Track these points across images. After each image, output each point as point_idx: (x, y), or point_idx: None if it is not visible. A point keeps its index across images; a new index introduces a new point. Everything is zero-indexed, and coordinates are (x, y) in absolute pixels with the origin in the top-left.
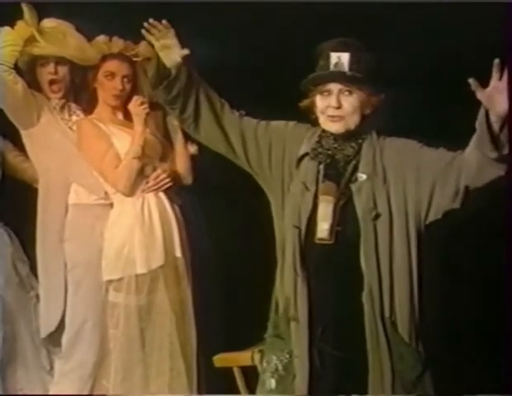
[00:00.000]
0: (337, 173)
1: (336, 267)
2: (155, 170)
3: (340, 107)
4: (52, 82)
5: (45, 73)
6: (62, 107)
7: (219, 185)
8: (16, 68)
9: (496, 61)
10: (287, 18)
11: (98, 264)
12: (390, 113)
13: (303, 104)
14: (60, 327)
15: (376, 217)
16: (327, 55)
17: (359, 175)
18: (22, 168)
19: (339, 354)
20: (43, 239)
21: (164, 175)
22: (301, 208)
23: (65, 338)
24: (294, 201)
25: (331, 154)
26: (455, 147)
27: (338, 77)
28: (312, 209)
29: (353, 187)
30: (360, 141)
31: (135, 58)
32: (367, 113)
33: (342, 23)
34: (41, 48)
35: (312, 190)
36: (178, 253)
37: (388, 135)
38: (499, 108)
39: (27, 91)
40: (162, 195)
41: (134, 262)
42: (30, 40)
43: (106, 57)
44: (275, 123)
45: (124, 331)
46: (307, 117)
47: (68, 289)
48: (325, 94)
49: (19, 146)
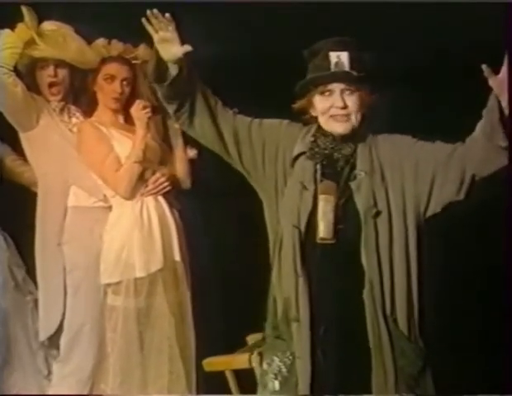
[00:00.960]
0: (334, 172)
1: (337, 266)
2: (154, 174)
3: (346, 107)
4: (51, 85)
5: (45, 76)
6: (61, 110)
7: (217, 189)
8: (15, 71)
9: None
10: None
11: (97, 267)
12: (387, 112)
13: (298, 105)
14: (60, 330)
15: (376, 214)
16: (325, 55)
17: (358, 172)
18: (20, 172)
19: (342, 353)
20: (42, 242)
21: (163, 179)
22: (301, 208)
23: (63, 341)
24: (292, 201)
25: (328, 154)
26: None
27: (342, 77)
28: (312, 208)
29: (353, 185)
30: (356, 140)
31: (135, 60)
32: (364, 112)
33: (337, 22)
34: (41, 50)
35: (311, 189)
36: (177, 257)
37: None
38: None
39: (27, 93)
40: (161, 198)
41: (133, 266)
42: (29, 43)
43: (105, 60)
44: (268, 121)
45: (122, 334)
46: (299, 118)
47: (67, 292)
48: (327, 94)
49: (17, 149)
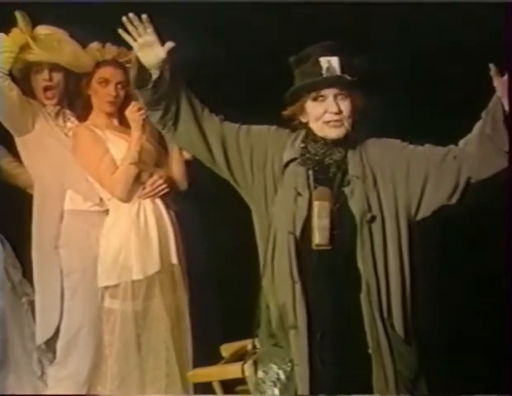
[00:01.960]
0: (327, 178)
1: (333, 271)
2: (151, 176)
3: (341, 112)
4: (46, 89)
5: (40, 80)
6: (57, 114)
7: (214, 190)
8: (10, 75)
9: None
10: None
11: (94, 270)
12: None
13: (288, 112)
14: (57, 333)
15: (372, 219)
16: (316, 61)
17: (351, 178)
18: (15, 174)
19: (340, 358)
20: (38, 245)
21: (161, 181)
22: (296, 214)
23: (60, 344)
24: (286, 207)
25: (319, 160)
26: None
27: (335, 82)
28: (307, 215)
29: (347, 190)
30: (346, 145)
31: (129, 64)
32: (356, 116)
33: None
34: (36, 55)
35: (305, 195)
36: (174, 259)
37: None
38: None
39: (22, 97)
40: (158, 201)
41: (130, 268)
42: (24, 47)
43: (99, 64)
44: (256, 127)
45: (120, 337)
46: (286, 124)
47: (64, 295)
48: (320, 100)
49: (13, 151)
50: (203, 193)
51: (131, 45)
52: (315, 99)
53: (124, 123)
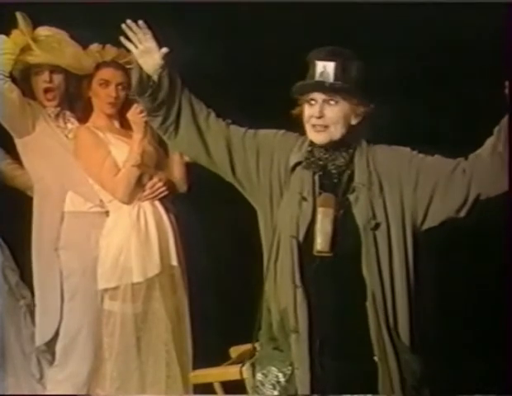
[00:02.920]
0: (332, 183)
1: (335, 278)
2: (152, 178)
3: (322, 117)
4: (47, 91)
5: (40, 82)
6: (57, 115)
7: (214, 193)
8: (10, 77)
9: None
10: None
11: (94, 272)
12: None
13: (295, 111)
14: (56, 335)
15: (376, 226)
16: (314, 64)
17: (356, 184)
18: (15, 176)
19: (340, 363)
20: (38, 247)
21: (161, 183)
22: (300, 219)
23: (60, 346)
24: (290, 212)
25: (323, 164)
26: (450, 156)
27: (320, 86)
28: (311, 220)
29: (351, 197)
30: (351, 150)
31: (128, 65)
32: (355, 123)
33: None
34: (36, 56)
35: (310, 200)
36: (174, 262)
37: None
38: None
39: (23, 99)
40: (158, 203)
41: (130, 271)
42: (25, 49)
43: (99, 65)
44: (263, 131)
45: (120, 339)
46: (299, 125)
47: (64, 297)
48: (312, 103)
49: (12, 153)
50: (203, 195)
51: (132, 51)
52: (309, 102)
53: (124, 125)
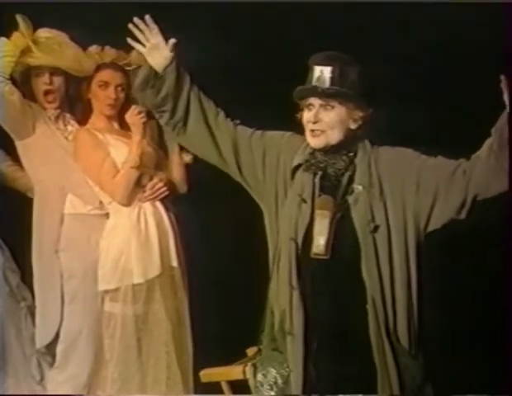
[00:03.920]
0: (332, 186)
1: (332, 280)
2: (151, 179)
3: (318, 122)
4: (47, 93)
5: (40, 84)
6: (57, 117)
7: (214, 193)
8: (10, 79)
9: None
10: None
11: (94, 274)
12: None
13: (299, 115)
14: (57, 337)
15: (375, 229)
16: (312, 69)
17: (355, 186)
18: (15, 178)
19: (337, 368)
20: (39, 249)
21: (161, 184)
22: (299, 221)
23: (60, 348)
24: (290, 213)
25: (323, 167)
26: (452, 157)
27: (317, 91)
28: (309, 222)
29: (350, 199)
30: (351, 154)
31: (128, 67)
32: (354, 127)
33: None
34: (36, 58)
35: (309, 203)
36: (175, 263)
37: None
38: None
39: (23, 101)
40: (158, 204)
41: (130, 272)
42: (25, 51)
43: (99, 66)
44: (271, 133)
45: (121, 341)
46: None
47: (64, 299)
48: (310, 108)
49: (12, 155)
50: (203, 196)
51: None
52: (308, 107)
53: (124, 126)
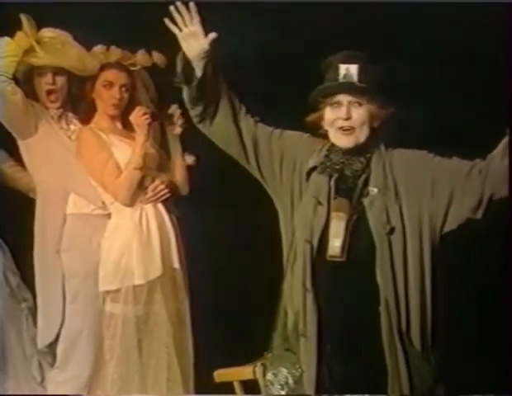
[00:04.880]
0: (348, 188)
1: (347, 283)
2: (154, 181)
3: (350, 118)
4: (50, 92)
5: (43, 83)
6: (60, 117)
7: (216, 195)
8: (13, 78)
9: None
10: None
11: (96, 274)
12: (399, 126)
13: (310, 118)
14: (58, 337)
15: (390, 231)
16: (336, 67)
17: (370, 189)
18: (17, 178)
19: (350, 370)
20: (41, 249)
21: (163, 186)
22: (314, 223)
23: (61, 348)
24: (306, 215)
25: (339, 169)
26: (468, 157)
27: (347, 87)
28: (325, 224)
29: (365, 202)
30: (368, 155)
31: (133, 67)
32: (376, 126)
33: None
34: (39, 58)
35: (325, 205)
36: (176, 264)
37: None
38: None
39: (26, 101)
40: (160, 205)
41: (132, 273)
42: (28, 51)
43: (103, 66)
44: (289, 133)
45: (121, 341)
46: (312, 131)
47: (65, 299)
48: (335, 106)
49: (14, 155)
50: (205, 198)
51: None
52: (332, 105)
53: (127, 126)
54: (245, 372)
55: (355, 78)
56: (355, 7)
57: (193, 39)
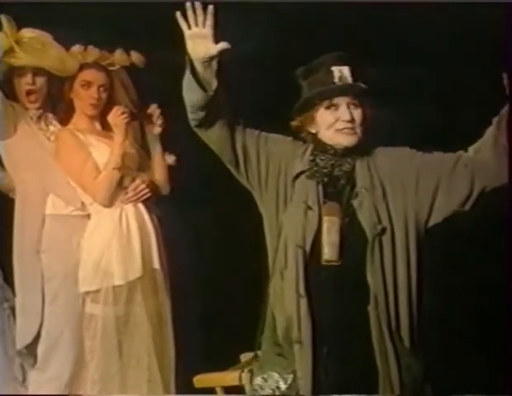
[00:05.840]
0: (336, 191)
1: (341, 286)
2: (134, 181)
3: (353, 120)
4: (29, 93)
5: (23, 84)
6: (39, 117)
7: (197, 195)
8: None
9: None
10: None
11: (75, 275)
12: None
13: (296, 123)
14: (37, 338)
15: (382, 231)
16: (328, 70)
17: (359, 190)
18: None
19: (345, 374)
20: (20, 250)
21: (143, 185)
22: (306, 228)
23: (41, 349)
24: (296, 221)
25: (327, 172)
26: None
27: (348, 90)
28: (317, 229)
29: (355, 203)
30: (355, 156)
31: (111, 67)
32: (368, 126)
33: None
34: (19, 59)
35: (316, 210)
36: (156, 265)
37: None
38: None
39: (5, 101)
40: (140, 205)
41: (111, 274)
42: (8, 51)
43: (82, 66)
44: (274, 136)
45: (101, 342)
46: (294, 135)
47: (45, 300)
48: (332, 108)
49: None
50: (186, 197)
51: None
52: (328, 108)
53: (106, 127)
54: (228, 378)
55: (349, 80)
56: (355, 8)
57: (201, 40)
